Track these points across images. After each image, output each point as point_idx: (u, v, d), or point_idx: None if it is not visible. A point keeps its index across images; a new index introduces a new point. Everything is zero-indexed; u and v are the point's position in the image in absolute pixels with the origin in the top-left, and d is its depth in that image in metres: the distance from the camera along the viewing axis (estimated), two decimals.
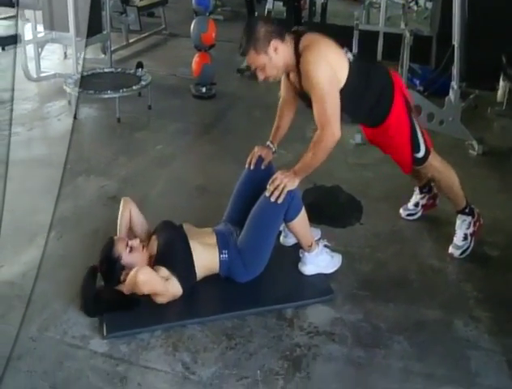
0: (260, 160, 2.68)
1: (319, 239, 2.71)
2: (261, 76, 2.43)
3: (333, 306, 2.42)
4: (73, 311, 2.38)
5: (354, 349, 2.19)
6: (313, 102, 2.37)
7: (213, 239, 2.50)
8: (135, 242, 2.41)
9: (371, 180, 3.66)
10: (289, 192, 2.37)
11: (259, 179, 2.62)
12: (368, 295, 2.50)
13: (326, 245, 2.64)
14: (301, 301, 2.43)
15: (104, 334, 2.22)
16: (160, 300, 2.31)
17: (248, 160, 2.72)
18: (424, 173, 2.88)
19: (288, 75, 2.58)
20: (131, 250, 2.37)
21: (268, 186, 2.40)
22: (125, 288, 2.30)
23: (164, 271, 2.33)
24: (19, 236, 2.97)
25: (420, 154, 2.67)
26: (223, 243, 2.48)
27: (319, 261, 2.58)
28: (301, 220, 2.49)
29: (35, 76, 5.37)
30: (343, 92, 2.40)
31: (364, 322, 2.34)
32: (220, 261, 2.44)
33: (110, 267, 2.35)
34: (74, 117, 4.74)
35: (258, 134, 2.92)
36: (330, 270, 2.62)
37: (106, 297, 2.33)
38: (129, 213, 2.64)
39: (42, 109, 4.96)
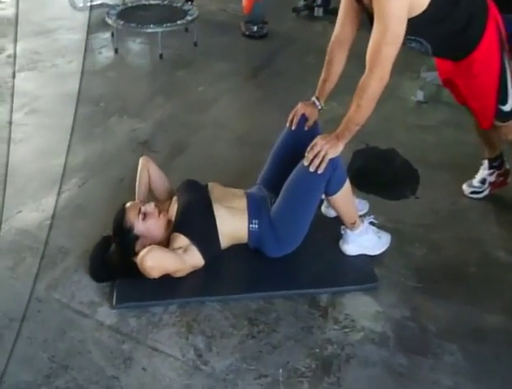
0: (303, 119, 2.26)
1: (365, 214, 2.32)
2: None
3: (376, 297, 2.05)
4: (84, 271, 2.11)
5: (396, 355, 1.83)
6: (372, 31, 1.87)
7: (243, 204, 2.14)
8: (149, 208, 2.08)
9: (432, 145, 3.15)
10: (331, 161, 1.97)
11: (301, 141, 2.19)
12: (418, 287, 2.10)
13: (372, 223, 2.25)
14: (339, 287, 2.06)
15: (114, 303, 1.95)
16: (179, 275, 2.00)
17: (289, 117, 2.29)
18: (501, 138, 2.37)
19: None
20: (145, 217, 2.04)
21: (307, 154, 1.99)
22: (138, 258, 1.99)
23: (182, 240, 2.01)
24: (43, 179, 2.72)
25: (507, 107, 2.13)
26: (254, 211, 2.12)
27: (363, 241, 2.19)
28: (344, 195, 2.08)
29: (81, 5, 4.99)
30: (425, 16, 1.88)
31: (411, 321, 1.95)
32: (249, 231, 2.10)
33: (123, 238, 2.04)
34: (115, 51, 4.40)
35: (309, 81, 2.48)
36: (375, 251, 2.22)
37: (116, 266, 2.04)
38: (147, 174, 2.32)
39: (84, 40, 4.62)
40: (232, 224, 2.09)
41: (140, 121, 3.33)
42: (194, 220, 2.06)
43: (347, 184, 2.07)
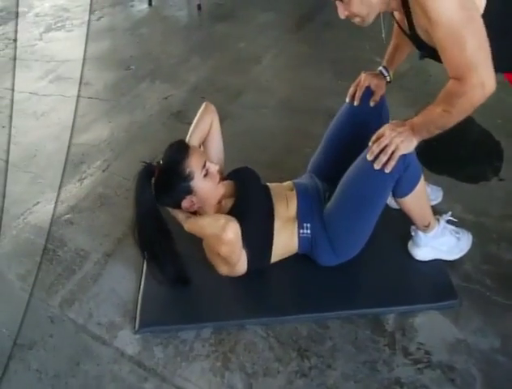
0: (368, 93, 1.76)
1: (441, 213, 1.80)
2: (342, 11, 1.44)
3: (455, 319, 1.60)
4: (105, 280, 1.78)
5: None
6: (439, 50, 1.39)
7: (294, 206, 1.69)
8: (214, 167, 1.63)
9: None
10: (402, 157, 1.49)
11: (364, 121, 1.73)
12: (509, 304, 1.66)
13: (450, 221, 1.78)
14: (409, 306, 1.62)
15: (136, 327, 1.59)
16: (224, 270, 1.62)
17: (350, 91, 1.80)
18: None
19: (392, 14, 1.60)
20: (207, 174, 1.61)
21: (370, 144, 1.51)
22: (191, 224, 1.58)
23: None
24: (64, 161, 2.38)
25: None
26: (304, 212, 1.68)
27: (439, 244, 1.72)
28: (417, 196, 1.60)
29: None
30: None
31: (503, 356, 1.50)
32: (300, 237, 1.67)
33: (174, 180, 1.58)
34: (149, 4, 3.93)
35: (367, 34, 1.96)
36: (453, 256, 1.75)
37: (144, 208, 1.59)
38: (209, 125, 1.80)
39: None
40: (285, 238, 1.67)
41: (173, 87, 2.90)
42: (255, 225, 1.62)
43: (422, 182, 1.59)
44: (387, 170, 1.50)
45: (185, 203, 1.61)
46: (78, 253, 1.89)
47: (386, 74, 1.80)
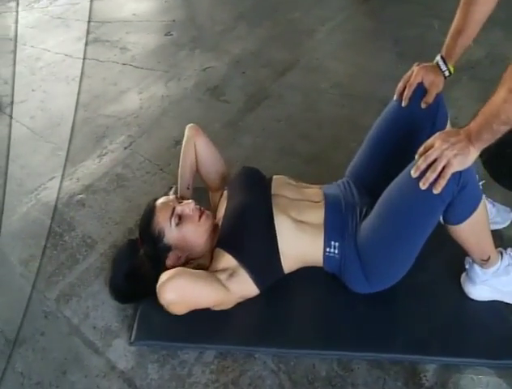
0: (420, 91, 1.43)
1: (507, 227, 1.51)
2: None
3: (510, 379, 1.34)
4: (107, 278, 1.60)
5: None
6: None
7: (319, 215, 1.42)
8: (187, 208, 1.42)
9: None
10: (457, 176, 1.18)
11: (414, 126, 1.43)
12: None
13: None
14: (455, 358, 1.32)
15: (132, 338, 1.38)
16: (221, 308, 1.37)
17: (399, 87, 1.47)
18: None
19: None
20: (180, 220, 1.41)
21: (417, 158, 1.20)
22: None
23: (228, 260, 1.37)
24: (88, 134, 2.17)
25: None
26: (333, 228, 1.39)
27: (501, 284, 1.40)
28: (474, 225, 1.28)
29: None
30: None
31: None
32: (325, 256, 1.40)
33: (151, 247, 1.43)
34: None
35: (439, 9, 1.62)
36: None
37: (141, 281, 1.43)
38: (194, 152, 1.64)
39: None
40: (301, 244, 1.40)
41: (214, 58, 2.63)
42: (247, 235, 1.39)
43: (482, 207, 1.27)
44: (436, 191, 1.18)
45: (169, 261, 1.42)
46: (85, 240, 1.69)
47: (445, 67, 1.44)
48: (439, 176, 1.18)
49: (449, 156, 1.16)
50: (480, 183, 1.66)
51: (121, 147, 2.07)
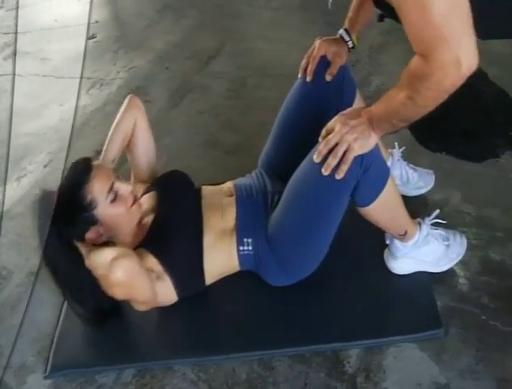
0: (324, 64, 1.39)
1: (431, 190, 1.45)
2: None
3: (437, 355, 1.24)
4: (24, 306, 1.49)
5: None
6: (397, 13, 0.99)
7: (232, 216, 1.36)
8: (125, 189, 1.31)
9: None
10: (359, 159, 1.13)
11: (321, 102, 1.38)
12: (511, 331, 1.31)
13: (436, 224, 1.40)
14: (376, 339, 1.28)
15: (47, 371, 1.33)
16: (142, 307, 1.31)
17: (302, 63, 1.42)
18: None
19: None
20: (115, 198, 1.30)
21: (320, 140, 1.16)
22: (89, 260, 1.24)
23: (154, 263, 1.30)
24: (5, 157, 2.10)
25: None
26: (245, 224, 1.34)
27: (421, 255, 1.36)
28: (385, 205, 1.23)
29: None
30: None
31: None
32: (240, 255, 1.35)
33: (72, 211, 1.27)
34: None
35: None
36: (440, 268, 1.39)
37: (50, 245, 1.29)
38: (132, 125, 1.48)
39: None
40: (222, 255, 1.35)
41: (138, 57, 2.54)
42: (176, 246, 1.32)
43: (390, 186, 1.21)
44: (338, 177, 1.14)
45: (89, 235, 1.30)
46: (0, 273, 1.64)
47: (348, 38, 1.40)
48: (341, 161, 1.13)
49: (349, 140, 1.12)
50: (401, 150, 1.63)
51: (41, 165, 2.01)
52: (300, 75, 1.43)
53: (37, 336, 1.43)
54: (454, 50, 0.95)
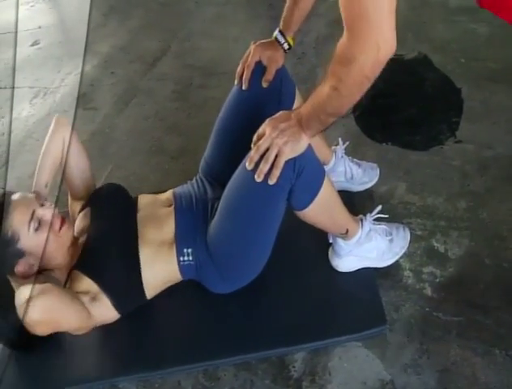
0: (260, 69, 1.35)
1: (376, 184, 1.43)
2: None
3: (382, 352, 1.24)
4: None
5: None
6: None
7: (171, 226, 1.33)
8: (48, 214, 1.27)
9: (484, 42, 2.12)
10: (291, 162, 1.11)
11: (259, 107, 1.33)
12: (452, 321, 1.30)
13: (379, 219, 1.38)
14: (322, 341, 1.26)
15: None
16: (76, 333, 1.27)
17: (238, 70, 1.38)
18: None
19: None
20: (39, 226, 1.25)
21: (252, 147, 1.13)
22: (17, 297, 1.19)
23: (89, 284, 1.26)
24: None
25: None
26: (184, 234, 1.31)
27: (365, 251, 1.35)
28: (322, 206, 1.21)
29: None
30: None
31: None
32: (180, 266, 1.31)
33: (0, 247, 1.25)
34: None
35: None
36: (385, 262, 1.38)
37: None
38: (60, 147, 1.44)
39: None
40: (161, 267, 1.31)
41: (83, 62, 2.51)
42: (110, 263, 1.28)
43: (326, 187, 1.19)
44: (271, 182, 1.11)
45: (19, 268, 1.25)
46: None
47: (283, 40, 1.36)
48: (273, 166, 1.11)
49: (279, 143, 1.10)
50: (344, 146, 1.62)
51: None
52: (236, 82, 1.39)
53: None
54: (375, 32, 0.94)
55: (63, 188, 1.53)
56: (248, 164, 1.14)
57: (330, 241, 1.39)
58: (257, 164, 1.13)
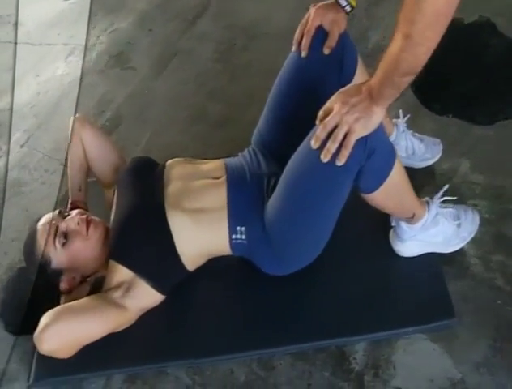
0: (321, 34, 1.18)
1: (438, 161, 1.28)
2: None
3: (450, 347, 1.11)
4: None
5: None
6: None
7: (221, 197, 1.19)
8: (71, 224, 1.20)
9: None
10: (362, 142, 0.96)
11: (319, 77, 1.19)
12: None
13: (444, 202, 1.23)
14: (383, 332, 1.15)
15: (30, 380, 1.19)
16: (122, 328, 1.17)
17: (296, 36, 1.21)
18: None
19: None
20: (66, 240, 1.18)
21: (317, 123, 0.99)
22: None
23: (122, 272, 1.15)
24: None
25: None
26: (237, 210, 1.17)
27: (431, 236, 1.20)
28: (391, 190, 1.07)
29: None
30: None
31: None
32: (232, 244, 1.19)
33: (40, 275, 1.20)
34: None
35: None
36: (452, 248, 1.23)
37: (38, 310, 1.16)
38: (81, 148, 1.39)
39: None
40: (202, 239, 1.18)
41: (118, 19, 2.28)
42: (138, 240, 1.17)
43: (397, 169, 1.04)
44: (340, 163, 0.97)
45: (64, 286, 1.21)
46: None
47: (345, 2, 1.17)
48: (341, 145, 0.96)
49: (350, 120, 0.94)
50: (405, 119, 1.45)
51: (17, 145, 1.81)
52: (294, 49, 1.22)
53: (17, 340, 1.28)
54: None
55: None
56: (313, 142, 0.99)
57: (393, 224, 1.24)
58: (323, 143, 0.98)
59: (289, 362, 1.15)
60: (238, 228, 1.17)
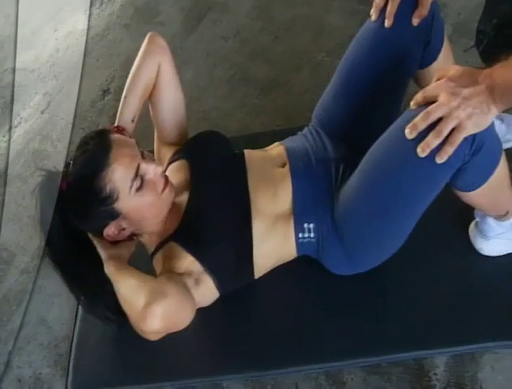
0: (408, 3, 0.96)
1: None
2: None
3: None
4: (32, 301, 1.19)
5: None
6: None
7: (286, 193, 1.01)
8: (152, 171, 0.95)
9: None
10: (469, 139, 0.78)
11: (402, 51, 0.99)
12: None
13: None
14: (467, 345, 0.97)
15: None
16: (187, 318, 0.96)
17: (377, 1, 0.99)
18: None
19: None
20: (141, 185, 0.94)
21: (412, 106, 0.81)
22: (107, 267, 0.96)
23: (193, 264, 0.97)
24: None
25: None
26: (304, 205, 0.99)
27: None
28: (492, 188, 0.89)
29: None
30: None
31: None
32: (298, 244, 1.01)
33: (88, 203, 0.94)
34: None
35: None
36: None
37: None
38: (155, 73, 1.09)
39: None
40: (275, 249, 1.02)
41: None
42: (219, 239, 0.99)
43: (501, 167, 0.86)
44: (440, 160, 0.79)
45: (108, 231, 0.96)
46: (1, 255, 1.31)
47: None
48: (445, 140, 0.78)
49: (461, 116, 0.76)
50: None
51: (37, 111, 1.61)
52: (373, 18, 1.00)
53: (51, 341, 1.14)
54: None
55: (140, 128, 1.19)
56: (409, 131, 0.80)
57: (477, 218, 1.07)
58: (421, 134, 0.79)
59: (361, 377, 1.01)
60: (306, 225, 1.00)
